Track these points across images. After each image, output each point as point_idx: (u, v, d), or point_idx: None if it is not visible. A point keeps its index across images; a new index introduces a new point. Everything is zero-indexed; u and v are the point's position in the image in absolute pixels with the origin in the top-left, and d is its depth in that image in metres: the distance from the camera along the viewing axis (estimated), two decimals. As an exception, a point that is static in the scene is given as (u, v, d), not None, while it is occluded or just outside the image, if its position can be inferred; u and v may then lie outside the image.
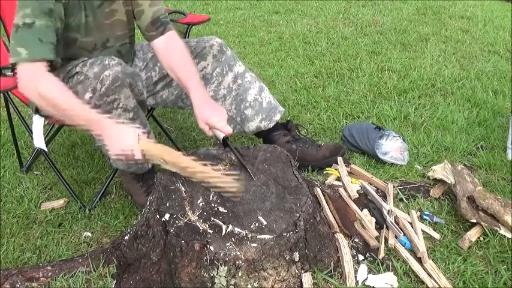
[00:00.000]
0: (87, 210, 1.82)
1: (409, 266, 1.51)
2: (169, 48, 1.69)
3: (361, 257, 1.56)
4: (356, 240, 1.61)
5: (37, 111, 1.73)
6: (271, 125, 1.92)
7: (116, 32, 1.67)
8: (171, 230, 1.33)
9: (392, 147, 2.09)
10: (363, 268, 1.50)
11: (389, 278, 1.47)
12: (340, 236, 1.57)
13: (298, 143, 2.00)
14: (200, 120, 1.57)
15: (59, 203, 1.87)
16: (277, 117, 1.93)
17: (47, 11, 1.39)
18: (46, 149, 1.85)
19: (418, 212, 1.75)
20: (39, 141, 1.78)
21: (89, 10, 1.56)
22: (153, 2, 1.68)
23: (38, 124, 1.77)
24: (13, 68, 1.71)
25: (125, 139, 1.38)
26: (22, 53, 1.36)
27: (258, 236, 1.31)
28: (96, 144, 1.63)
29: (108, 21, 1.62)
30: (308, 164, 2.00)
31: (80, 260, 1.53)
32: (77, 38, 1.59)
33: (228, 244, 1.29)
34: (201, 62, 1.82)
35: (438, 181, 1.92)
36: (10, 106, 1.93)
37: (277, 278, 1.35)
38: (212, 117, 1.55)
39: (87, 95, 1.47)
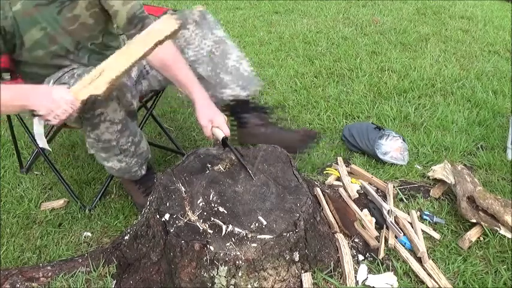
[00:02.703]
0: (87, 210, 1.82)
1: (409, 266, 1.51)
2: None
3: (361, 257, 1.56)
4: (356, 240, 1.61)
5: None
6: (246, 94, 1.84)
7: (84, 34, 1.63)
8: (171, 230, 1.33)
9: (392, 147, 2.09)
10: (363, 268, 1.50)
11: (389, 278, 1.47)
12: (340, 236, 1.57)
13: (270, 127, 1.93)
14: (204, 118, 1.58)
15: (59, 203, 1.87)
16: (254, 89, 1.85)
17: None
18: (50, 149, 1.86)
19: (418, 212, 1.75)
20: (42, 142, 1.78)
21: (47, 20, 1.53)
22: (126, 1, 1.60)
23: (38, 125, 1.77)
24: (11, 72, 1.72)
25: (54, 93, 1.35)
26: None
27: (258, 236, 1.31)
28: (90, 151, 1.63)
29: (72, 27, 1.59)
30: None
31: (80, 260, 1.53)
32: (41, 54, 1.58)
33: (228, 244, 1.29)
34: (183, 31, 1.76)
35: (438, 181, 1.92)
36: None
37: (277, 278, 1.35)
38: (217, 116, 1.58)
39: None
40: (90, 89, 1.33)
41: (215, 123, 1.57)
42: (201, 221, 1.35)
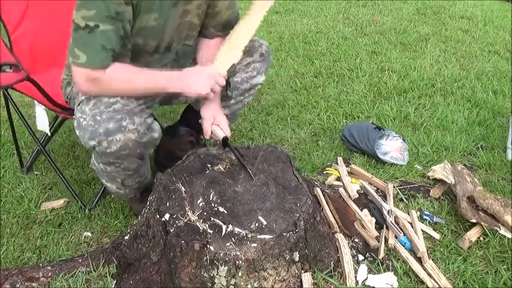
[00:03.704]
0: (87, 210, 1.82)
1: (409, 266, 1.51)
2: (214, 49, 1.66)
3: (361, 257, 1.56)
4: (356, 240, 1.61)
5: None
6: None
7: (182, 33, 1.56)
8: (171, 230, 1.33)
9: (392, 147, 2.09)
10: (363, 268, 1.51)
11: (389, 278, 1.47)
12: (340, 236, 1.57)
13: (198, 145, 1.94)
14: (207, 111, 1.57)
15: (59, 203, 1.87)
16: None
17: (114, 14, 1.28)
18: (49, 132, 1.86)
19: (418, 212, 1.75)
20: (41, 123, 1.80)
21: (163, 11, 1.43)
22: (231, 3, 1.64)
23: (40, 108, 1.80)
24: (12, 65, 1.68)
25: (206, 70, 1.46)
26: (81, 57, 1.30)
27: (258, 236, 1.31)
28: (91, 166, 1.59)
29: (178, 22, 1.51)
30: None
31: (80, 260, 1.53)
32: (138, 43, 1.47)
33: (228, 244, 1.29)
34: (247, 58, 1.74)
35: (438, 181, 1.92)
36: (10, 104, 1.92)
37: (277, 278, 1.35)
38: (220, 115, 1.58)
39: (92, 142, 1.37)
40: (231, 59, 1.53)
41: (216, 121, 1.57)
42: (201, 221, 1.35)
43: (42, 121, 1.82)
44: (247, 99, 1.80)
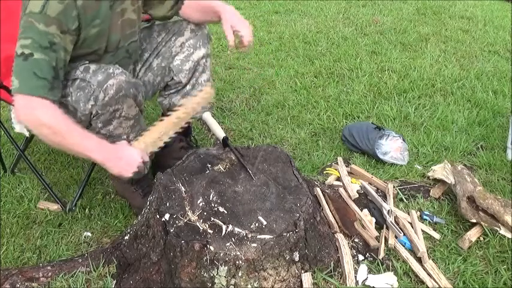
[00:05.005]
0: (67, 209, 1.81)
1: (409, 266, 1.51)
2: (190, 5, 1.77)
3: (361, 257, 1.56)
4: (356, 240, 1.61)
5: None
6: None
7: (125, 31, 1.63)
8: (171, 230, 1.33)
9: (392, 147, 2.09)
10: (363, 268, 1.51)
11: (389, 278, 1.47)
12: (340, 236, 1.57)
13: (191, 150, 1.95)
14: (227, 23, 1.65)
15: (54, 207, 1.85)
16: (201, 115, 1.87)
17: (48, 44, 1.34)
18: (27, 134, 1.86)
19: (418, 212, 1.75)
20: (19, 126, 1.80)
21: (101, 16, 1.50)
22: None
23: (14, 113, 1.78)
24: None
25: (131, 156, 1.41)
26: (15, 83, 1.33)
27: (258, 236, 1.31)
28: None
29: (118, 22, 1.58)
30: None
31: (80, 260, 1.54)
32: (83, 53, 1.54)
33: (228, 244, 1.29)
34: (179, 38, 1.81)
35: (438, 181, 1.92)
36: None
37: (277, 278, 1.35)
38: (239, 22, 1.66)
39: (89, 104, 1.45)
40: (150, 147, 1.47)
41: (237, 27, 1.63)
42: (201, 221, 1.35)
43: (19, 124, 1.82)
44: (202, 79, 1.85)
